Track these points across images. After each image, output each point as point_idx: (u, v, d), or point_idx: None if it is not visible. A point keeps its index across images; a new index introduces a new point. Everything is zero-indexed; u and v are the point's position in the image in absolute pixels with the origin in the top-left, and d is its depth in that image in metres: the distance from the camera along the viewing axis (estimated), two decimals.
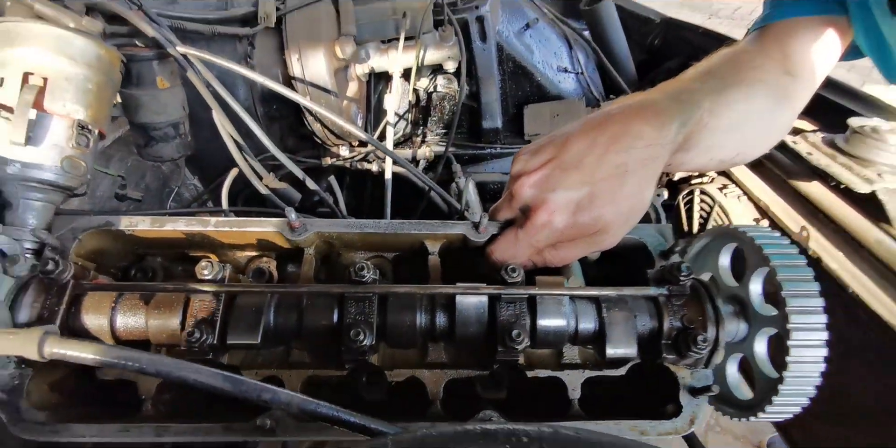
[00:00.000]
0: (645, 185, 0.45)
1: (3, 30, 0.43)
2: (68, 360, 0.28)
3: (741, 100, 0.55)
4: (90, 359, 0.28)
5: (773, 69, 0.57)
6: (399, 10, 0.89)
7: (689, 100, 0.50)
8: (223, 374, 0.31)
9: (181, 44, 0.58)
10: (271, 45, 0.85)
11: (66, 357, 0.28)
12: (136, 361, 0.29)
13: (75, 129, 0.45)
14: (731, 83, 0.55)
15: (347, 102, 0.92)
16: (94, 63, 0.46)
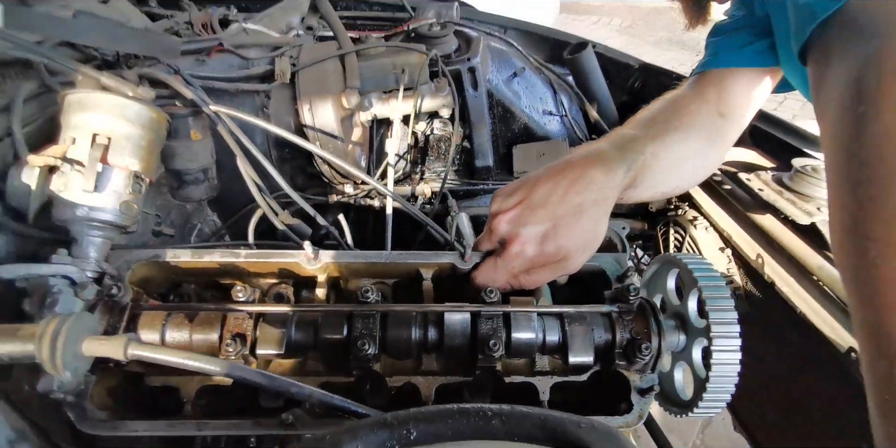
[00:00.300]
0: (598, 220, 0.54)
1: (76, 99, 0.53)
2: (144, 359, 0.37)
3: (679, 142, 0.66)
4: (161, 358, 0.37)
5: (707, 112, 0.68)
6: (398, 65, 1.00)
7: (633, 148, 0.60)
8: (263, 372, 0.40)
9: (213, 103, 0.69)
10: (285, 97, 0.95)
11: (143, 357, 0.37)
12: (195, 360, 0.38)
13: (132, 178, 0.55)
14: (670, 128, 0.66)
15: (352, 146, 1.02)
16: (147, 124, 0.56)
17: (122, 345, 0.35)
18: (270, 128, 0.71)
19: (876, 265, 0.32)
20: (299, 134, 0.97)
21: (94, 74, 0.55)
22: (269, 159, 0.77)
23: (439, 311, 0.51)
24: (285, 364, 0.53)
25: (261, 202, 0.73)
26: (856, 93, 0.39)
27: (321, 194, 1.17)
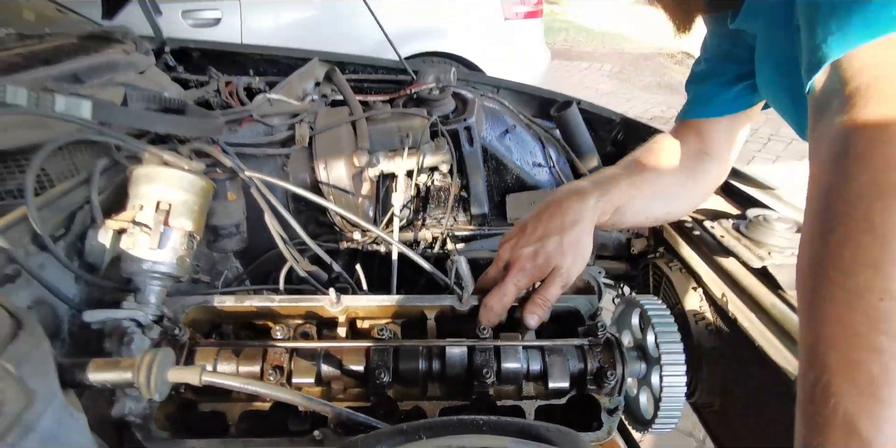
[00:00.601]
0: (579, 237, 0.71)
1: (144, 173, 0.66)
2: (216, 385, 0.47)
3: (658, 175, 0.84)
4: (228, 384, 0.48)
5: (687, 151, 0.82)
6: (403, 129, 1.14)
7: (608, 181, 0.77)
8: (302, 394, 0.50)
9: (247, 169, 0.81)
10: (303, 157, 1.08)
11: (215, 383, 0.47)
12: (249, 384, 0.48)
13: (187, 237, 0.66)
14: (650, 164, 0.81)
15: (362, 199, 1.14)
16: (199, 192, 0.68)
17: (198, 373, 0.46)
18: (295, 189, 0.84)
19: (824, 299, 0.41)
20: (315, 189, 1.10)
21: (157, 152, 0.67)
22: (287, 211, 0.89)
23: (441, 345, 0.61)
24: (314, 391, 0.63)
25: (286, 253, 0.84)
26: (843, 147, 0.43)
27: (332, 241, 1.28)
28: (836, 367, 0.39)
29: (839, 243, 0.41)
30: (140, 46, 1.34)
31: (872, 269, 0.39)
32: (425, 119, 1.15)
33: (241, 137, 0.96)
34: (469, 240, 1.40)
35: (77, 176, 0.69)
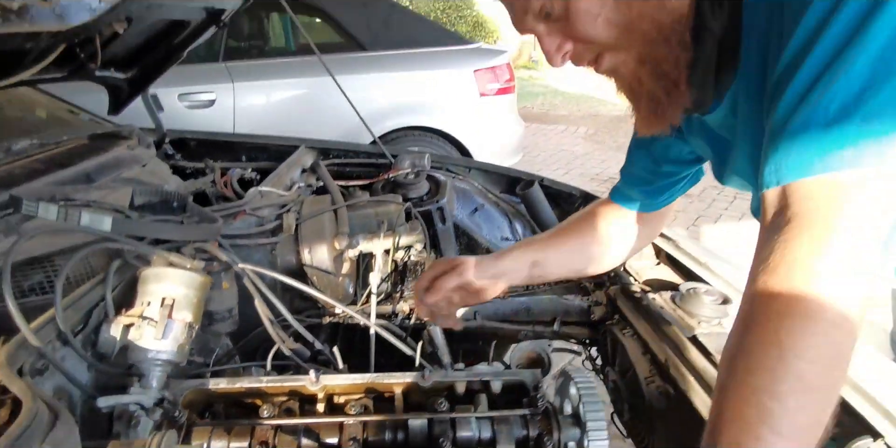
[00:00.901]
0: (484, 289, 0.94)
1: (153, 273, 0.78)
2: None
3: (575, 236, 1.00)
4: None
5: (616, 219, 0.98)
6: (380, 214, 1.27)
7: (525, 243, 0.98)
8: None
9: (240, 260, 0.93)
10: (289, 242, 1.21)
11: None
12: None
13: (187, 327, 0.77)
14: (567, 228, 1.02)
15: (342, 278, 1.26)
16: (199, 287, 0.80)
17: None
18: (281, 277, 0.95)
19: (730, 388, 0.51)
20: (300, 271, 1.22)
21: (164, 255, 0.79)
22: (274, 290, 1.00)
23: (405, 419, 0.71)
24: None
25: (272, 334, 0.95)
26: (773, 267, 0.52)
27: (316, 315, 1.39)
28: (725, 445, 0.49)
29: (751, 346, 0.51)
30: (143, 140, 1.50)
31: (770, 373, 0.49)
32: (400, 205, 1.29)
33: (235, 229, 1.09)
34: None
35: (94, 277, 0.80)
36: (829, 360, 0.50)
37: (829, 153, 0.51)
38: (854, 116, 0.50)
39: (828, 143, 0.51)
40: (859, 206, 0.51)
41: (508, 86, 3.48)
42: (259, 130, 3.10)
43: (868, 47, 0.50)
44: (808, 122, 0.53)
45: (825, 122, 0.52)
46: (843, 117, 0.51)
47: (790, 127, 0.54)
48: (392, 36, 3.41)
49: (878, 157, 0.50)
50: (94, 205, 0.88)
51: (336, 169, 1.66)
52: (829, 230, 0.51)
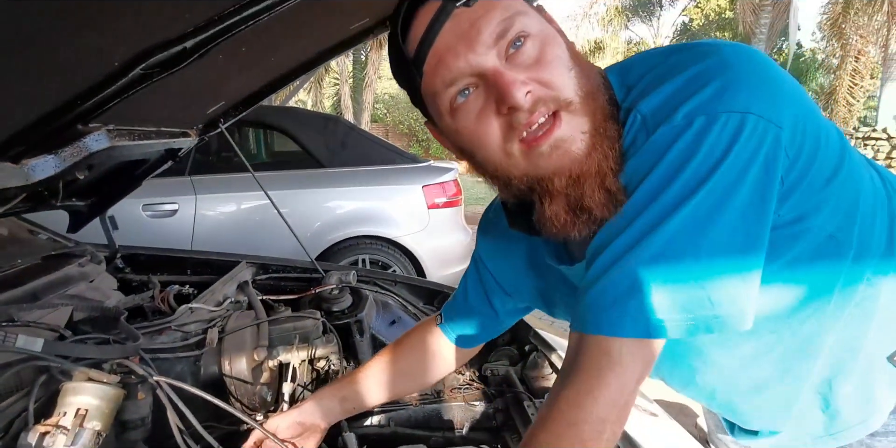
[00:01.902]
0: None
1: (72, 387, 0.91)
2: None
3: (399, 358, 1.10)
4: None
5: (435, 337, 1.07)
6: (298, 327, 1.43)
7: (330, 386, 1.12)
8: None
9: (160, 373, 1.07)
10: (213, 354, 1.35)
11: None
12: None
13: (95, 435, 0.90)
14: (395, 351, 1.11)
15: (260, 386, 1.39)
16: (112, 399, 0.94)
17: None
18: (192, 389, 1.09)
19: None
20: (221, 380, 1.34)
21: (85, 370, 0.94)
22: (195, 400, 1.12)
23: None
24: None
25: (180, 443, 1.06)
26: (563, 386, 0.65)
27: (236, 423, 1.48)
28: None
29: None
30: (94, 257, 1.66)
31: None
32: (316, 320, 1.45)
33: (160, 344, 1.23)
34: (361, 417, 1.61)
35: (22, 388, 0.94)
36: None
37: (621, 318, 0.61)
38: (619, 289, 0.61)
39: (630, 308, 0.61)
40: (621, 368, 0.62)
41: (455, 199, 3.80)
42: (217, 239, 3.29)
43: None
44: (600, 286, 0.63)
45: (606, 292, 0.62)
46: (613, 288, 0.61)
47: (591, 282, 0.64)
48: (348, 154, 3.77)
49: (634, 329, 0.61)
50: (33, 325, 1.03)
51: (272, 283, 1.83)
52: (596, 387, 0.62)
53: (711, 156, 0.59)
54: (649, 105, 0.64)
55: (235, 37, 1.00)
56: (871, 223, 0.74)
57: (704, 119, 0.60)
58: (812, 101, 0.71)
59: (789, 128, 0.63)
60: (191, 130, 1.65)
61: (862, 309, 0.77)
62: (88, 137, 1.10)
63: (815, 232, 0.69)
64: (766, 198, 0.61)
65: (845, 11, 13.41)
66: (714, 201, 0.59)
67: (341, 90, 15.22)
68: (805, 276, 0.72)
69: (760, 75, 0.63)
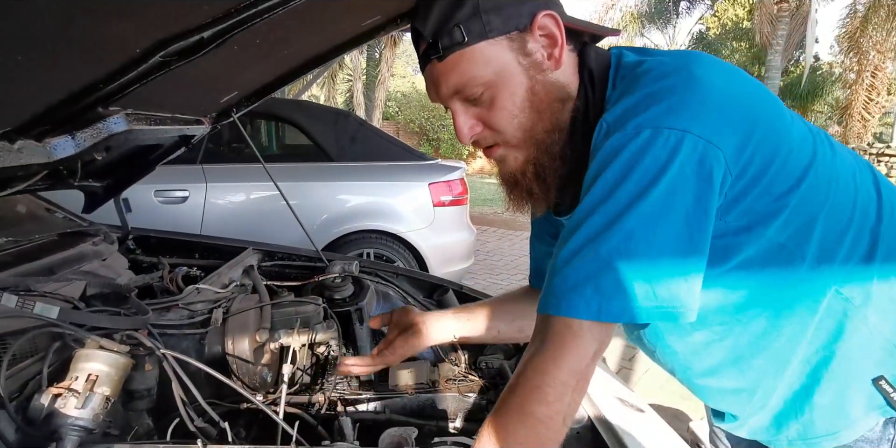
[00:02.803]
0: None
1: (84, 354, 0.97)
2: None
3: (496, 304, 1.23)
4: None
5: (522, 293, 1.19)
6: (300, 312, 1.48)
7: (460, 307, 1.24)
8: None
9: (164, 346, 1.12)
10: (217, 334, 1.40)
11: None
12: None
13: (104, 400, 0.95)
14: (494, 299, 1.27)
15: (261, 367, 1.44)
16: (121, 367, 0.99)
17: None
18: (198, 364, 1.14)
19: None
20: (224, 359, 1.39)
21: (96, 339, 0.99)
22: (198, 376, 1.17)
23: None
24: None
25: (183, 414, 1.12)
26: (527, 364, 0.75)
27: (237, 402, 1.54)
28: None
29: (482, 432, 0.75)
30: (108, 237, 1.72)
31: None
32: (318, 305, 1.50)
33: (167, 320, 1.29)
34: (357, 402, 1.66)
35: (37, 354, 0.99)
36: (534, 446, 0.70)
37: (565, 298, 0.71)
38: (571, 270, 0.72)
39: (587, 291, 0.70)
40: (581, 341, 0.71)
41: (461, 198, 3.85)
42: (226, 228, 3.36)
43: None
44: (563, 274, 0.73)
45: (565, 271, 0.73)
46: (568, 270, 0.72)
47: (557, 269, 0.73)
48: (358, 150, 3.83)
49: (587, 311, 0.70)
50: (49, 295, 1.08)
51: (276, 270, 1.89)
52: (558, 356, 0.71)
53: (654, 165, 0.68)
54: (612, 115, 0.75)
55: (251, 28, 1.05)
56: (839, 236, 0.79)
57: (650, 132, 0.69)
58: (776, 118, 0.77)
59: (731, 148, 0.71)
60: (204, 118, 1.71)
61: (834, 321, 0.81)
62: (108, 120, 1.15)
63: (764, 241, 0.76)
64: (706, 208, 0.71)
65: (863, 26, 13.34)
66: (661, 206, 0.68)
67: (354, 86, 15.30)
68: (752, 279, 0.80)
69: (707, 101, 0.71)
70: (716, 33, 21.40)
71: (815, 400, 0.85)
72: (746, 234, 0.76)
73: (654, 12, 18.76)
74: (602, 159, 0.72)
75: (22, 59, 0.77)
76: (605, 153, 0.72)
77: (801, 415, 0.87)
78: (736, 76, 0.78)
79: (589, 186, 0.73)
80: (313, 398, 1.62)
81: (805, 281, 0.79)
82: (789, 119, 0.82)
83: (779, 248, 0.77)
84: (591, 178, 0.73)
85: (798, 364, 0.85)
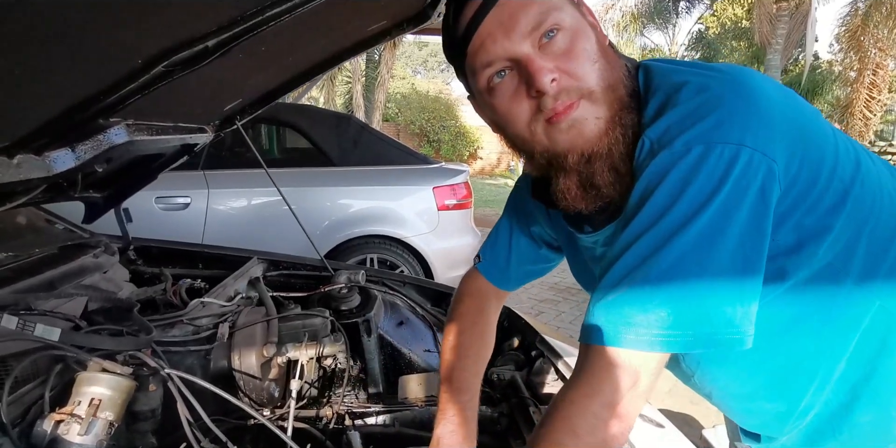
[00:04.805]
0: None
1: (87, 377, 0.93)
2: None
3: (478, 360, 1.13)
4: None
5: (487, 311, 1.18)
6: (307, 325, 1.45)
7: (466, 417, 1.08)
8: None
9: (171, 366, 1.08)
10: (223, 349, 1.36)
11: None
12: None
13: (108, 425, 0.91)
14: (474, 356, 1.15)
15: (268, 382, 1.40)
16: (125, 390, 0.95)
17: None
18: (202, 383, 1.10)
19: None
20: (231, 375, 1.36)
21: (99, 361, 0.95)
22: (204, 393, 1.13)
23: None
24: None
25: (189, 435, 1.08)
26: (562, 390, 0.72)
27: (244, 417, 1.50)
28: None
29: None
30: (108, 249, 1.69)
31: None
32: (325, 318, 1.46)
33: (171, 337, 1.25)
34: (365, 416, 1.62)
35: (39, 377, 0.95)
36: None
37: (602, 326, 0.67)
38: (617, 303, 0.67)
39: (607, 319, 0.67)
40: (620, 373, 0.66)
41: (465, 201, 3.81)
42: (228, 234, 3.32)
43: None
44: (609, 300, 0.69)
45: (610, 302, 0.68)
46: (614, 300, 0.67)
47: (601, 295, 0.69)
48: (360, 154, 3.79)
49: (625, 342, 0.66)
50: (50, 315, 1.05)
51: (282, 280, 1.85)
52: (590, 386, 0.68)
53: (709, 183, 0.64)
54: (655, 131, 0.69)
55: (257, 36, 1.01)
56: (882, 250, 0.75)
57: (702, 148, 0.64)
58: (819, 130, 0.73)
59: (783, 160, 0.67)
60: (207, 126, 1.67)
61: (878, 337, 0.77)
62: (109, 131, 1.12)
63: (814, 261, 0.73)
64: (762, 226, 0.66)
65: (864, 24, 13.30)
66: (715, 226, 0.63)
67: (353, 88, 15.26)
68: (799, 301, 0.76)
69: (756, 110, 0.67)
70: (715, 32, 21.35)
71: (856, 418, 0.82)
72: (797, 254, 0.72)
73: (654, 12, 18.72)
74: (649, 180, 0.67)
75: (20, 72, 0.73)
76: (652, 173, 0.67)
77: (840, 434, 0.83)
78: (776, 85, 0.75)
79: (635, 210, 0.68)
80: (321, 412, 1.59)
81: (849, 297, 0.76)
82: (830, 130, 0.79)
83: (826, 267, 0.73)
84: (638, 199, 0.68)
85: (837, 381, 0.82)
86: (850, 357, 0.79)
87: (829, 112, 18.03)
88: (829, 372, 0.80)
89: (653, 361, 0.67)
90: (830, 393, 0.82)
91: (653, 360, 0.67)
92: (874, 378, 0.79)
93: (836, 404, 0.83)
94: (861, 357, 0.79)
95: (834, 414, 0.83)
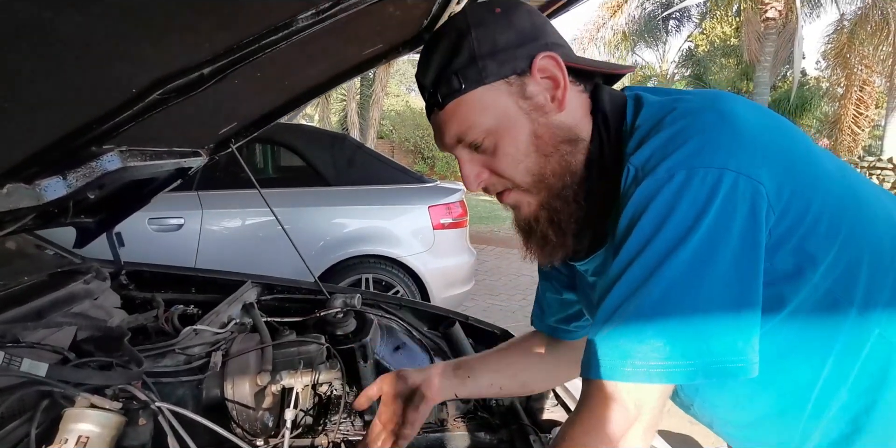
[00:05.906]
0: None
1: (74, 413, 0.90)
2: None
3: (497, 357, 1.12)
4: None
5: (545, 343, 1.10)
6: (302, 352, 1.42)
7: (458, 363, 1.09)
8: None
9: (162, 398, 1.06)
10: (216, 378, 1.33)
11: None
12: None
13: None
14: (495, 351, 1.13)
15: (262, 412, 1.37)
16: (114, 426, 0.92)
17: None
18: (192, 416, 1.07)
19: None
20: (223, 404, 1.32)
21: (87, 397, 0.92)
22: (195, 425, 1.10)
23: None
24: None
25: None
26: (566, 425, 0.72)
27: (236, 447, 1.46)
28: None
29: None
30: (100, 274, 1.66)
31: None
32: (321, 345, 1.44)
33: (163, 367, 1.22)
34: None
35: (25, 412, 0.92)
36: None
37: (600, 360, 0.67)
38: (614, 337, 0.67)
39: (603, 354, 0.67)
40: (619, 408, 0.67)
41: (461, 220, 3.80)
42: (222, 255, 3.29)
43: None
44: (604, 334, 0.68)
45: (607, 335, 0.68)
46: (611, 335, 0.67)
47: (597, 328, 0.69)
48: (355, 173, 3.78)
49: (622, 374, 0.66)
50: (37, 347, 1.02)
51: (276, 304, 1.82)
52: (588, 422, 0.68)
53: (693, 208, 0.64)
54: (639, 158, 0.70)
55: (252, 63, 1.00)
56: (882, 277, 0.74)
57: (685, 173, 0.65)
58: (812, 155, 0.73)
59: (772, 184, 0.66)
60: (202, 150, 1.66)
61: (877, 367, 0.76)
62: (102, 158, 1.10)
63: (811, 286, 0.71)
64: (755, 249, 0.65)
65: (850, 41, 13.54)
66: (704, 252, 0.63)
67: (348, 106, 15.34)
68: (799, 329, 0.74)
69: (739, 135, 0.67)
70: (704, 50, 21.68)
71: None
72: (795, 280, 0.70)
73: (645, 30, 19.00)
74: (635, 207, 0.68)
75: (9, 105, 0.72)
76: (637, 200, 0.67)
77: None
78: (762, 111, 0.75)
79: (623, 238, 0.68)
80: (316, 441, 1.55)
81: (851, 326, 0.74)
82: (822, 154, 0.78)
83: (826, 294, 0.72)
84: (625, 228, 0.69)
85: (837, 410, 0.80)
86: (851, 386, 0.78)
87: (818, 127, 18.25)
88: (828, 400, 0.79)
89: (654, 394, 0.66)
90: (832, 422, 0.81)
91: (654, 392, 0.66)
92: (875, 410, 0.78)
93: (838, 434, 0.81)
94: (861, 386, 0.77)
95: (835, 444, 0.82)
